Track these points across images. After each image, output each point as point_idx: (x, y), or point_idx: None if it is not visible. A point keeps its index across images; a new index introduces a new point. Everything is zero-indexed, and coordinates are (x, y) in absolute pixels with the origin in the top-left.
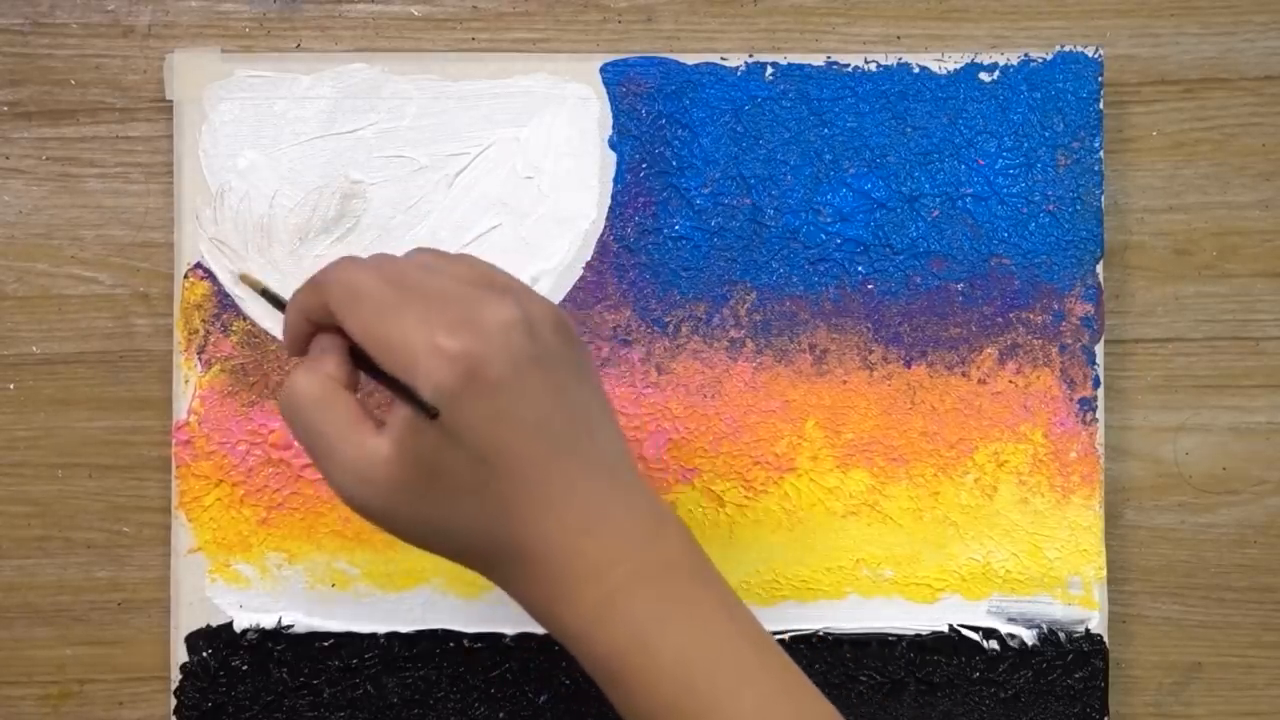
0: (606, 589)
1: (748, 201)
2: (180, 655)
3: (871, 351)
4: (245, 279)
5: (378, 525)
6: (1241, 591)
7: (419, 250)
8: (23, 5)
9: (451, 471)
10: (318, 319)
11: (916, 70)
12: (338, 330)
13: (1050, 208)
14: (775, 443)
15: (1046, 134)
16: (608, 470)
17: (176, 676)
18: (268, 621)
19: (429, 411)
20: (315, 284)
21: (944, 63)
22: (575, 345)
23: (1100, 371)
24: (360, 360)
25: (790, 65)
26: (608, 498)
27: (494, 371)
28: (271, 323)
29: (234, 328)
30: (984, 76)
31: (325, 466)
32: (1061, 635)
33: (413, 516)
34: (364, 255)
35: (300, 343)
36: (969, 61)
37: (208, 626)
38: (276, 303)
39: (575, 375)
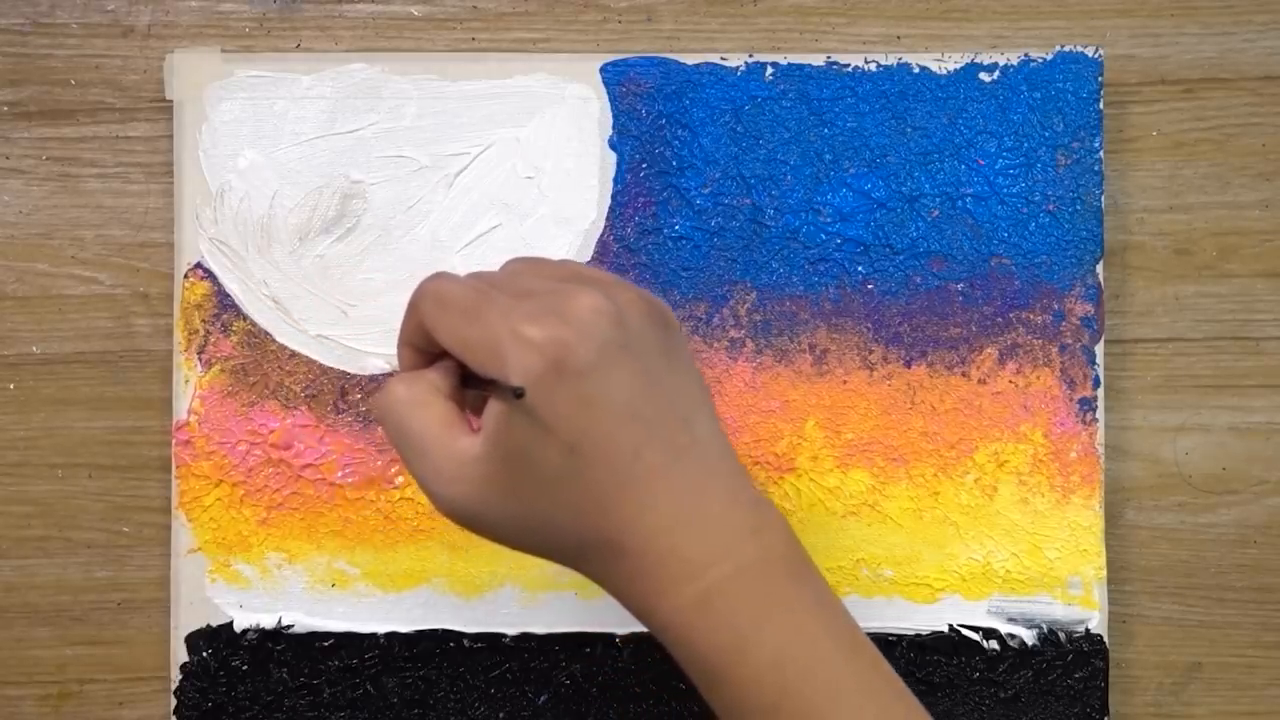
0: (703, 587)
1: (748, 201)
2: (180, 655)
3: (871, 351)
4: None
5: (469, 528)
6: (1241, 591)
7: (512, 259)
8: (23, 5)
9: (542, 463)
10: (425, 345)
11: (916, 70)
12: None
13: (1050, 208)
14: (775, 443)
15: (1046, 134)
16: (704, 460)
17: (176, 676)
18: (268, 621)
19: (514, 392)
20: (410, 305)
21: (944, 63)
22: (670, 332)
23: (1100, 371)
24: (469, 381)
25: (790, 65)
26: (704, 490)
27: (580, 357)
28: (270, 324)
29: (234, 328)
30: (984, 76)
31: (417, 469)
32: (1061, 635)
33: (504, 514)
34: (364, 254)
35: (410, 369)
36: (969, 61)
37: (208, 626)
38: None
39: (668, 362)
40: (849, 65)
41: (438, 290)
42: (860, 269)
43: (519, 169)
